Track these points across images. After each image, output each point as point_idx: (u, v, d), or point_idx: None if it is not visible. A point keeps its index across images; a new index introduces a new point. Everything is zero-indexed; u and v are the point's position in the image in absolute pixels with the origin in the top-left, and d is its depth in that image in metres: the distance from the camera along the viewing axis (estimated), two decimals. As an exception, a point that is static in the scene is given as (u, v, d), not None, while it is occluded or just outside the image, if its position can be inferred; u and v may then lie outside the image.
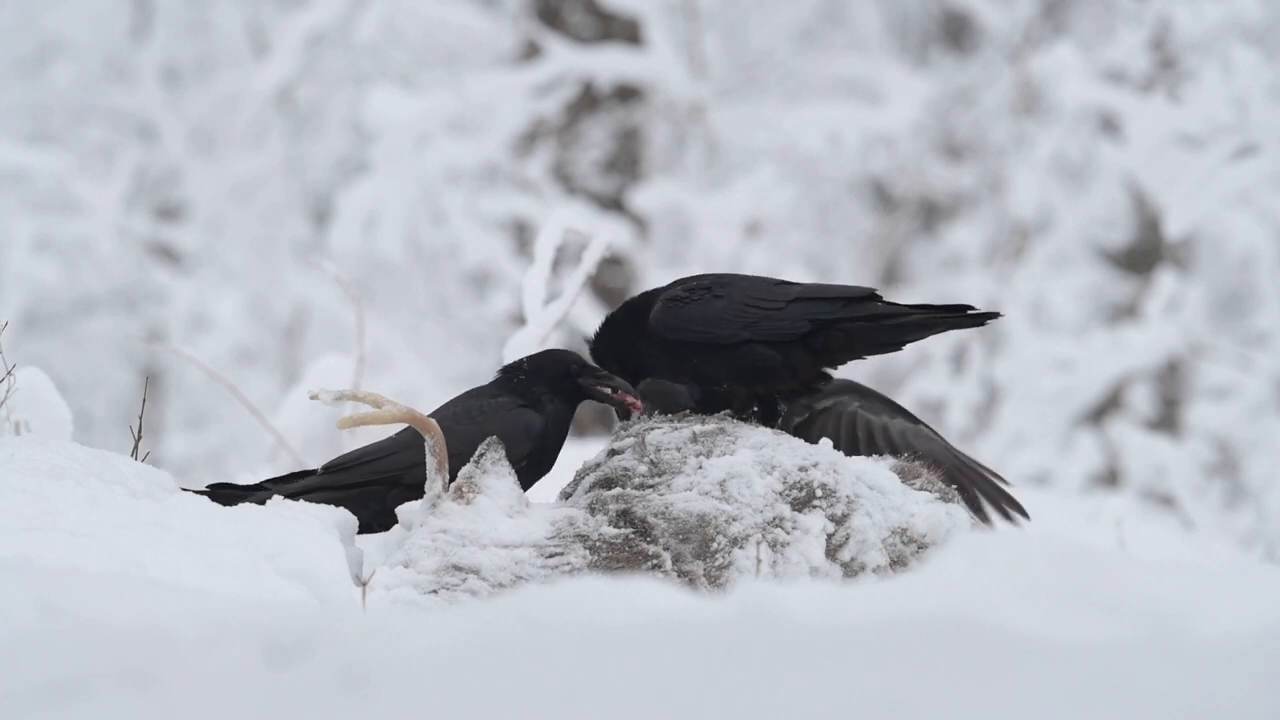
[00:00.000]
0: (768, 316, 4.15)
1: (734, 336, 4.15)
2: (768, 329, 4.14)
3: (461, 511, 3.87)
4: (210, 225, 14.69)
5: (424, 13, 13.43)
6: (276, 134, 14.76)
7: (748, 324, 4.15)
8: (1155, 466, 11.06)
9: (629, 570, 3.79)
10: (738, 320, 4.15)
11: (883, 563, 3.91)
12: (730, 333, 4.15)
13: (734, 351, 4.16)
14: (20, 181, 14.05)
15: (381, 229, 12.49)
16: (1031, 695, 2.25)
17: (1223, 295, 14.47)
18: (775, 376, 4.16)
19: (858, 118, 13.24)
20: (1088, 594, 2.68)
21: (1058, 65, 11.09)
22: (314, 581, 3.71)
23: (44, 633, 2.72)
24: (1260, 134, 8.84)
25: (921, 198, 15.06)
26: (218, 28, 14.98)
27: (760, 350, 4.15)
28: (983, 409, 12.64)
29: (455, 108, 12.52)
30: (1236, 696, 2.25)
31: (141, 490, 3.88)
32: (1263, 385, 11.52)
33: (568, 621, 2.54)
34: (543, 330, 5.50)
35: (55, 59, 14.88)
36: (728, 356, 4.16)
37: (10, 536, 3.52)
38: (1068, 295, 13.38)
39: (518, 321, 11.93)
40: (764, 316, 4.15)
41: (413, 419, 3.90)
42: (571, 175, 13.26)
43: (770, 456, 3.95)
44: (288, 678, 2.37)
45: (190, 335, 14.37)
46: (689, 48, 13.25)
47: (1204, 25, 10.57)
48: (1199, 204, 8.79)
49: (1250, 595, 2.82)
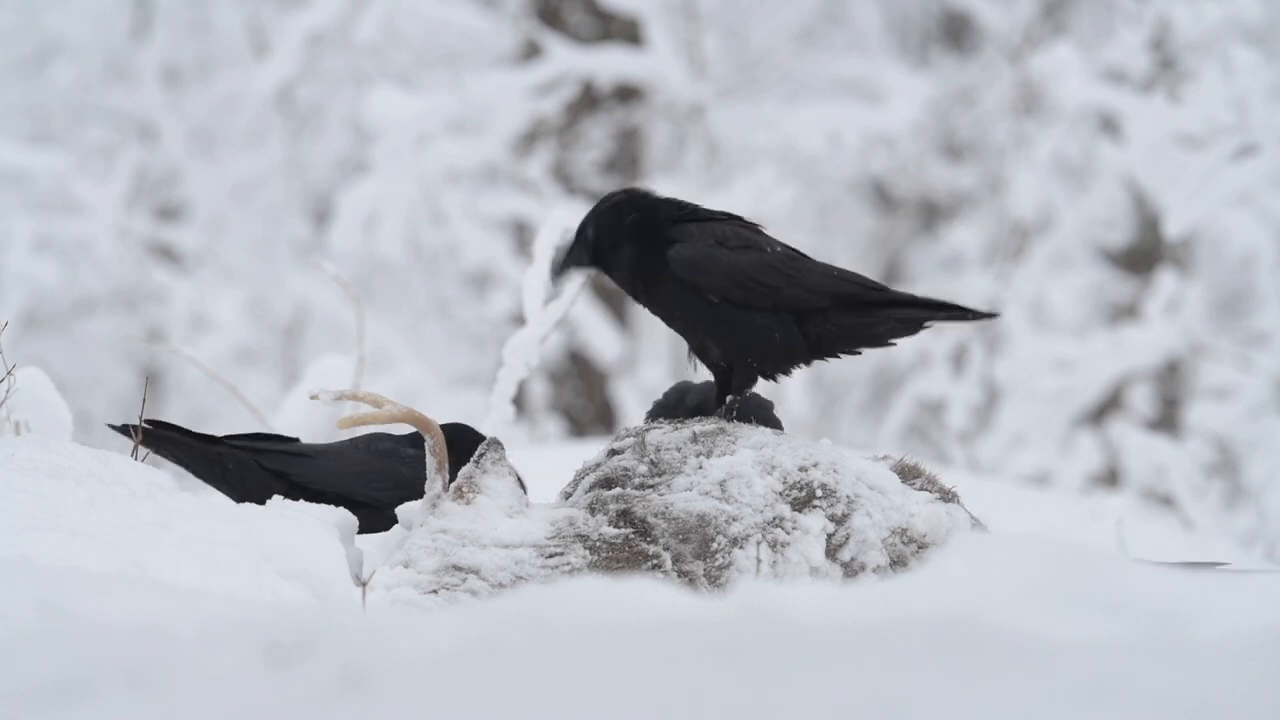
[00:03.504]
0: (792, 281, 4.11)
1: (758, 301, 4.10)
2: (790, 297, 4.10)
3: (461, 511, 3.87)
4: (210, 225, 14.69)
5: (424, 13, 13.43)
6: (276, 134, 14.76)
7: (772, 288, 4.10)
8: (1155, 466, 11.06)
9: (629, 570, 3.80)
10: (771, 284, 4.10)
11: (883, 563, 3.91)
12: (768, 290, 4.10)
13: (739, 316, 4.12)
14: (20, 181, 14.05)
15: (381, 229, 12.49)
16: (1031, 695, 2.25)
17: (1223, 295, 14.47)
18: (765, 355, 4.12)
19: (858, 118, 13.24)
20: (1088, 594, 2.68)
21: (1058, 65, 11.08)
22: (314, 581, 3.71)
23: (44, 633, 2.72)
24: (1260, 134, 8.84)
25: (921, 198, 15.06)
26: (218, 28, 14.99)
27: (763, 322, 4.11)
28: (983, 409, 12.64)
29: (455, 108, 12.52)
30: (1236, 696, 2.25)
31: (141, 490, 3.88)
32: (1263, 385, 11.52)
33: (568, 621, 2.54)
34: (543, 330, 5.50)
35: (55, 59, 14.88)
36: (735, 317, 4.12)
37: (10, 536, 3.51)
38: (1068, 295, 13.38)
39: (518, 321, 11.92)
40: (789, 281, 4.11)
41: (413, 419, 3.90)
42: (571, 175, 13.26)
43: (770, 456, 3.96)
44: (288, 678, 2.37)
45: (190, 335, 14.38)
46: (689, 48, 13.25)
47: (1204, 25, 10.57)
48: (1199, 204, 8.79)
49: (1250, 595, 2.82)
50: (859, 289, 4.12)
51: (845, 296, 4.10)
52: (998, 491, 8.11)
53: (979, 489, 6.08)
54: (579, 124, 13.29)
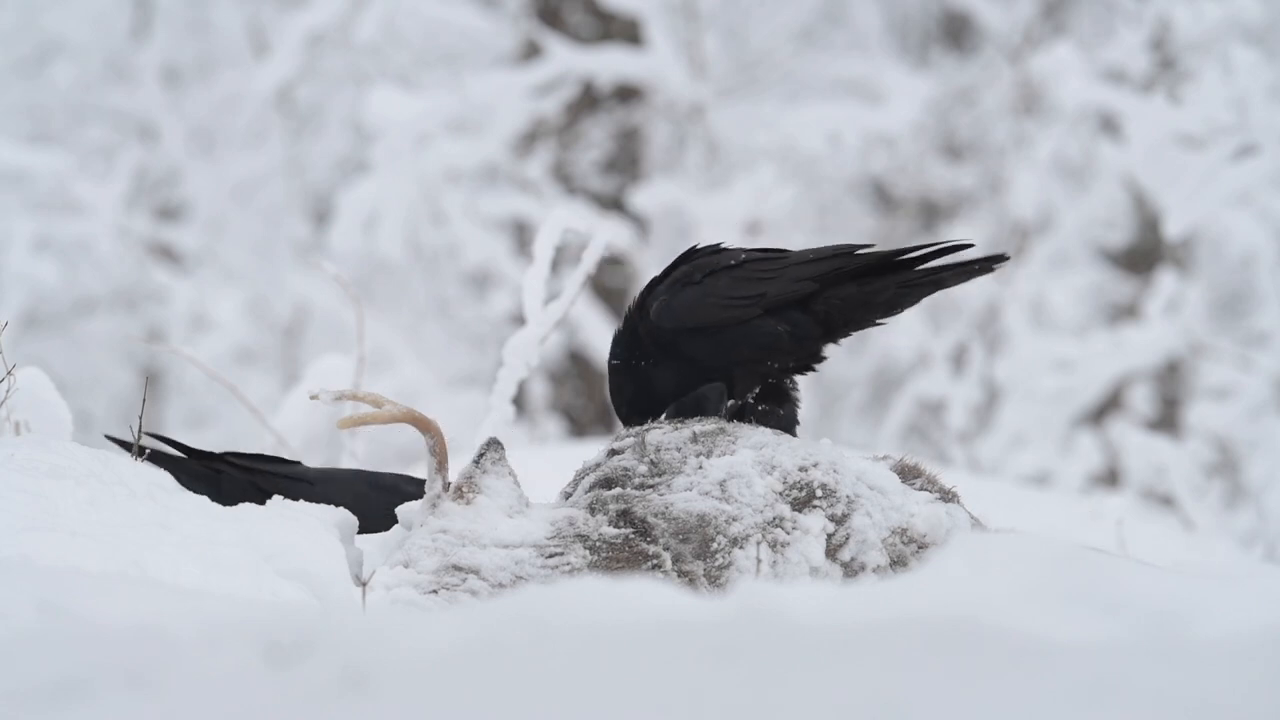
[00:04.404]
0: (771, 281, 4.09)
1: (746, 313, 4.09)
2: (774, 296, 4.08)
3: (461, 511, 3.87)
4: (210, 225, 14.69)
5: (424, 13, 13.43)
6: (276, 134, 14.76)
7: (752, 297, 4.09)
8: (1155, 466, 11.05)
9: (629, 570, 3.79)
10: (741, 295, 4.09)
11: (883, 563, 3.91)
12: (741, 310, 4.09)
13: (740, 330, 4.11)
14: (20, 181, 14.05)
15: (381, 229, 12.49)
16: (1031, 695, 2.25)
17: (1223, 295, 14.47)
18: (780, 352, 4.10)
19: (858, 118, 13.24)
20: (1088, 594, 2.68)
21: (1058, 65, 11.08)
22: (314, 581, 3.71)
23: (44, 633, 2.72)
24: (1260, 134, 8.84)
25: (922, 198, 15.06)
26: (218, 28, 14.99)
27: (766, 325, 4.10)
28: (983, 409, 12.64)
29: (455, 108, 12.52)
30: (1236, 696, 2.25)
31: (141, 490, 3.88)
32: (1263, 385, 11.52)
33: (568, 621, 2.54)
34: (543, 330, 5.50)
35: (55, 59, 14.88)
36: (732, 336, 4.11)
37: (10, 536, 3.51)
38: (1068, 295, 13.38)
39: (518, 321, 11.92)
40: (767, 284, 4.09)
41: (413, 419, 3.90)
42: (571, 175, 13.26)
43: (770, 456, 3.95)
44: (288, 678, 2.37)
45: (190, 335, 14.38)
46: (689, 48, 13.25)
47: (1204, 25, 10.57)
48: (1199, 204, 8.79)
49: (1250, 595, 2.82)
50: (841, 261, 4.08)
51: (829, 275, 4.07)
52: (998, 491, 8.10)
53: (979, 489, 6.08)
54: (579, 124, 13.29)
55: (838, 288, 4.09)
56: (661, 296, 4.15)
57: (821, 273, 4.07)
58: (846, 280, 4.08)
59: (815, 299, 4.09)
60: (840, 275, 4.06)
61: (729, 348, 4.10)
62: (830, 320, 4.10)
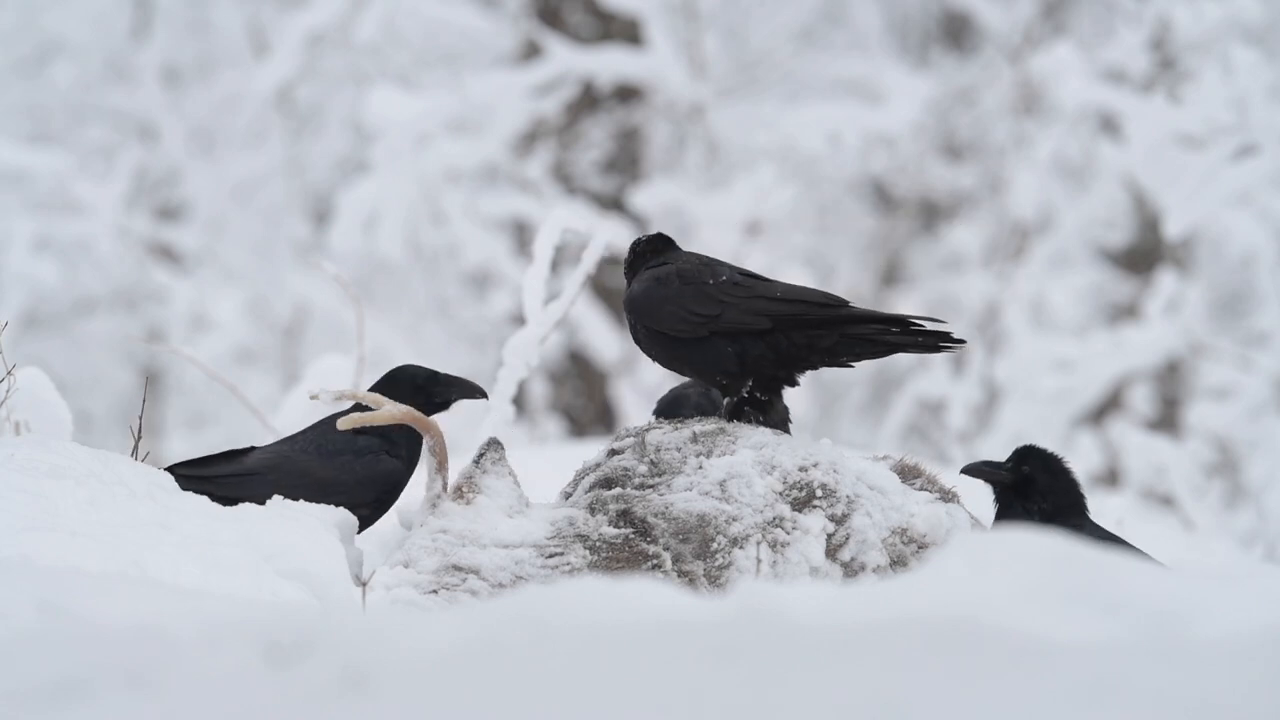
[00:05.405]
0: (728, 308, 4.13)
1: (695, 330, 4.14)
2: (728, 321, 4.12)
3: (461, 511, 3.87)
4: (210, 225, 14.69)
5: (424, 13, 13.43)
6: (276, 134, 14.76)
7: (706, 316, 4.13)
8: (1155, 466, 11.05)
9: (629, 570, 3.79)
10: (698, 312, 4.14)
11: (883, 563, 3.91)
12: (690, 326, 4.14)
13: (693, 344, 4.15)
14: (20, 181, 14.05)
15: (381, 229, 12.49)
16: (1031, 695, 2.25)
17: (1223, 295, 14.47)
18: (728, 374, 4.13)
19: (858, 118, 13.24)
20: (1088, 594, 2.68)
21: (1058, 65, 11.08)
22: (314, 581, 3.71)
23: (44, 633, 2.72)
24: (1260, 134, 8.84)
25: (921, 198, 15.06)
26: (218, 28, 14.99)
27: (716, 345, 4.13)
28: (983, 409, 12.64)
29: (455, 108, 12.52)
30: (1236, 696, 2.25)
31: (141, 490, 3.88)
32: (1263, 385, 11.52)
33: (568, 621, 2.54)
34: (543, 330, 5.50)
35: (55, 59, 14.88)
36: (686, 346, 4.15)
37: (10, 536, 3.51)
38: (1068, 295, 13.38)
39: (518, 321, 11.92)
40: (725, 308, 4.13)
41: (412, 419, 3.90)
42: (571, 175, 13.26)
43: (770, 456, 3.95)
44: (288, 678, 2.37)
45: (190, 335, 14.38)
46: (689, 48, 13.25)
47: (1204, 25, 10.57)
48: (1199, 204, 8.79)
49: (1250, 595, 2.82)
50: (801, 308, 4.10)
51: (785, 317, 4.09)
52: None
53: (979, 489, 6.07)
54: (579, 124, 13.29)
55: (790, 331, 4.11)
56: (638, 286, 4.20)
57: (777, 313, 4.10)
58: (802, 325, 4.10)
59: (772, 334, 4.12)
60: (797, 320, 4.10)
61: (682, 358, 4.15)
62: (790, 356, 4.13)
